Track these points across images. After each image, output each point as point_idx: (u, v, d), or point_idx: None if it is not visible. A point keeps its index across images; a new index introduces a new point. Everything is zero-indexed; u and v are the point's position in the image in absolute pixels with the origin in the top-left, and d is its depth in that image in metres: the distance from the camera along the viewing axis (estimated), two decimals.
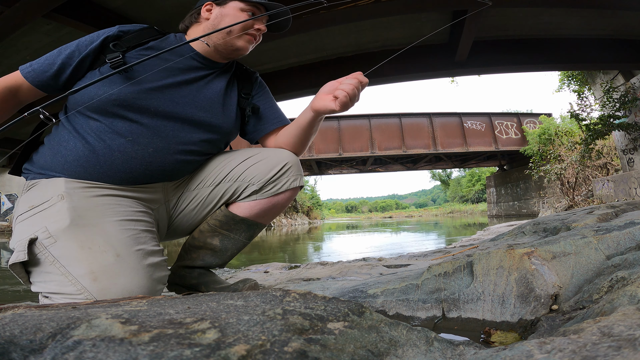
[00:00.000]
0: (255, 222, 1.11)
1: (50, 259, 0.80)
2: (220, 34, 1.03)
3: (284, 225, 21.66)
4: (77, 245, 0.81)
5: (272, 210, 1.12)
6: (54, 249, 0.80)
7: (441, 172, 49.18)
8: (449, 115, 14.70)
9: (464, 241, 4.29)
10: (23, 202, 0.91)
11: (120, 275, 0.80)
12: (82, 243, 0.81)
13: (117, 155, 0.93)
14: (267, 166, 1.08)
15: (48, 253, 0.80)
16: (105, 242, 0.83)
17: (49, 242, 0.81)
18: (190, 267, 1.14)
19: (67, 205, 0.85)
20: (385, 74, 6.29)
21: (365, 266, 1.70)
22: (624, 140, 6.96)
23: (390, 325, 0.52)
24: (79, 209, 0.86)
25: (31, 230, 0.83)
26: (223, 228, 1.09)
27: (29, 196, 0.91)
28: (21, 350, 0.37)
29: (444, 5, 4.70)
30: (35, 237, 0.81)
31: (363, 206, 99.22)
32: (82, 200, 0.88)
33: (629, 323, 0.43)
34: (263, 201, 1.09)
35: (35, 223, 0.84)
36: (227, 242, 1.11)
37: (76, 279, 0.77)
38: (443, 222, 16.84)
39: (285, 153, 1.12)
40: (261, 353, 0.37)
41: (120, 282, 0.79)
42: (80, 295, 0.77)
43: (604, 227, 1.01)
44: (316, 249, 6.78)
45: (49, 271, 0.79)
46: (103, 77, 0.85)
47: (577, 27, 5.76)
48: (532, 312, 0.74)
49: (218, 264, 1.14)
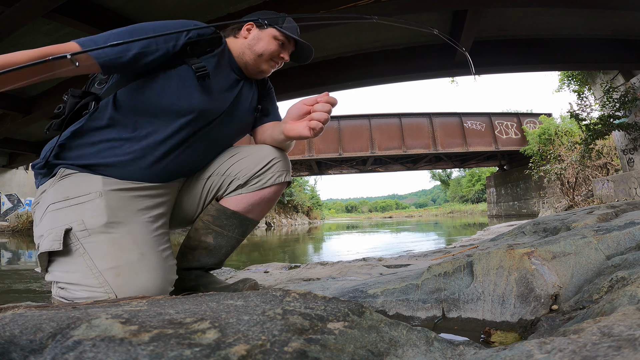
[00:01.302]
0: (246, 216, 1.14)
1: (80, 251, 0.83)
2: (252, 54, 1.12)
3: (284, 225, 21.67)
4: (108, 242, 0.85)
5: (260, 204, 1.15)
6: (87, 242, 0.84)
7: (441, 172, 49.21)
8: (449, 115, 14.70)
9: (464, 241, 4.29)
10: (56, 191, 0.91)
11: (142, 273, 0.85)
12: (112, 240, 0.85)
13: (169, 160, 0.99)
14: (253, 161, 1.12)
15: (80, 245, 0.84)
16: (133, 241, 0.88)
17: (83, 234, 0.84)
18: (187, 270, 1.14)
19: (105, 204, 0.89)
20: (385, 74, 6.29)
21: (365, 266, 1.70)
22: (624, 140, 6.96)
23: (390, 325, 0.52)
24: (114, 209, 0.90)
25: (66, 220, 0.85)
26: (216, 224, 1.12)
27: (64, 186, 0.92)
28: (21, 350, 0.37)
29: (444, 5, 4.70)
30: (71, 227, 0.84)
31: (363, 206, 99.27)
32: (117, 201, 0.92)
33: (629, 323, 0.43)
34: (249, 195, 1.13)
35: (71, 215, 0.87)
36: (221, 240, 1.13)
37: (100, 273, 0.81)
38: (443, 222, 16.84)
39: (272, 150, 1.16)
40: (261, 353, 0.37)
41: (140, 280, 0.84)
42: (100, 289, 0.80)
43: (604, 227, 1.01)
44: (316, 249, 6.78)
45: (75, 262, 0.83)
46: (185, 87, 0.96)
47: (577, 27, 5.76)
48: (532, 312, 0.74)
49: (214, 262, 1.15)
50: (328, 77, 6.40)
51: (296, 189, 26.34)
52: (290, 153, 1.24)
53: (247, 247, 7.65)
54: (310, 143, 13.63)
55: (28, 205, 14.56)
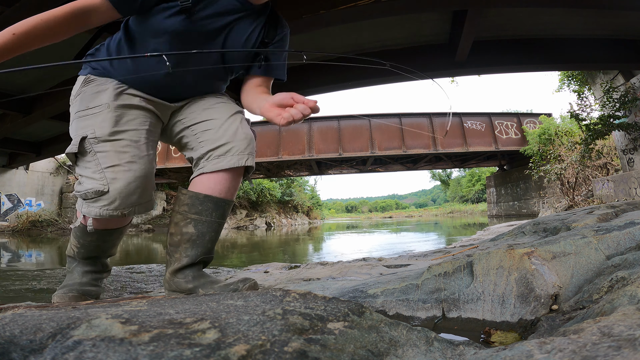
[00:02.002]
0: (218, 198, 1.17)
1: (92, 153, 1.09)
2: None
3: (284, 225, 21.66)
4: (110, 147, 1.09)
5: (226, 184, 1.19)
6: (96, 147, 1.09)
7: (441, 172, 49.19)
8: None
9: (464, 241, 4.29)
10: (81, 100, 1.14)
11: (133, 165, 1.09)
12: (113, 146, 1.09)
13: (164, 79, 1.16)
14: (218, 133, 1.18)
15: (92, 149, 1.09)
16: (130, 145, 1.11)
17: (94, 141, 1.08)
18: (180, 270, 1.14)
19: (111, 116, 1.11)
20: (385, 74, 6.28)
21: (365, 266, 1.70)
22: (624, 140, 6.96)
23: (390, 325, 0.52)
24: (118, 120, 1.12)
25: (83, 129, 1.09)
26: (192, 212, 1.15)
27: (87, 93, 1.15)
28: (21, 350, 0.37)
29: (444, 5, 4.70)
30: (86, 135, 1.08)
31: (363, 206, 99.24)
32: (120, 113, 1.13)
33: (629, 323, 0.43)
34: (212, 175, 1.17)
35: (87, 124, 1.10)
36: (202, 226, 1.15)
37: (102, 170, 1.07)
38: (443, 222, 16.82)
39: (238, 128, 1.18)
40: (261, 353, 0.37)
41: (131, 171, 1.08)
42: (100, 181, 1.06)
43: (604, 227, 1.01)
44: (316, 249, 6.77)
45: (89, 160, 1.09)
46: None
47: (577, 27, 5.75)
48: (532, 312, 0.74)
49: (202, 252, 1.15)
50: (328, 77, 6.40)
51: (296, 189, 26.33)
52: (290, 153, 1.26)
53: (247, 247, 7.65)
54: (310, 143, 13.62)
55: (28, 205, 14.56)
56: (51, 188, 15.38)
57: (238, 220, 20.02)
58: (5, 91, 6.96)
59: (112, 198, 1.08)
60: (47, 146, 11.16)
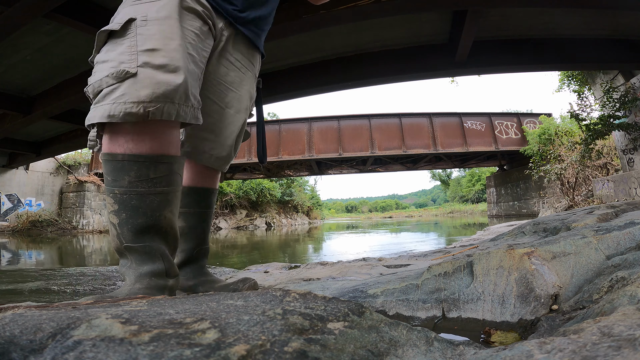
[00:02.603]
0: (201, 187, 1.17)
1: (132, 33, 0.89)
2: None
3: (284, 225, 21.66)
4: (157, 30, 0.91)
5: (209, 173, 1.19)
6: (141, 28, 0.91)
7: (441, 172, 49.20)
8: (449, 115, 14.69)
9: (464, 241, 4.29)
10: None
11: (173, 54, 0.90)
12: (161, 31, 0.92)
13: None
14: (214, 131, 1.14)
15: (134, 30, 0.90)
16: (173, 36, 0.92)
17: (142, 23, 0.91)
18: (180, 267, 1.14)
19: (173, 3, 0.95)
20: (385, 74, 6.28)
21: (365, 266, 1.70)
22: (624, 140, 6.95)
23: (390, 325, 0.52)
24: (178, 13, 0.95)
25: (134, 13, 0.93)
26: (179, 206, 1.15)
27: None
28: (21, 350, 0.37)
29: (444, 5, 4.70)
30: (135, 18, 0.91)
31: (363, 206, 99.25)
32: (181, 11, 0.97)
33: (629, 323, 0.43)
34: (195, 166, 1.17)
35: (139, 9, 0.94)
36: (191, 219, 1.15)
37: (137, 51, 0.87)
38: (443, 222, 16.82)
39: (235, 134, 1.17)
40: (261, 353, 0.37)
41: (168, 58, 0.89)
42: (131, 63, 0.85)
43: (604, 227, 1.01)
44: (316, 249, 6.77)
45: (121, 43, 0.89)
46: None
47: (577, 27, 5.75)
48: (532, 312, 0.74)
49: (197, 244, 1.16)
50: (328, 77, 6.40)
51: (296, 189, 26.33)
52: (290, 153, 1.25)
53: (247, 247, 7.65)
54: (310, 143, 13.62)
55: (28, 205, 14.56)
56: (51, 188, 15.38)
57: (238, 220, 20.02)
58: (6, 91, 6.95)
59: (138, 83, 0.83)
60: (47, 146, 11.16)
